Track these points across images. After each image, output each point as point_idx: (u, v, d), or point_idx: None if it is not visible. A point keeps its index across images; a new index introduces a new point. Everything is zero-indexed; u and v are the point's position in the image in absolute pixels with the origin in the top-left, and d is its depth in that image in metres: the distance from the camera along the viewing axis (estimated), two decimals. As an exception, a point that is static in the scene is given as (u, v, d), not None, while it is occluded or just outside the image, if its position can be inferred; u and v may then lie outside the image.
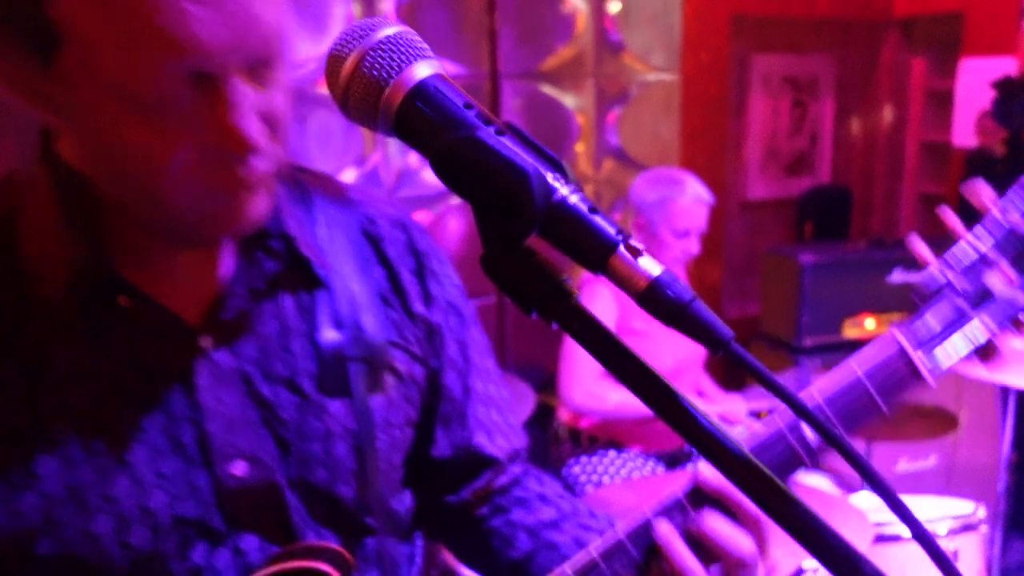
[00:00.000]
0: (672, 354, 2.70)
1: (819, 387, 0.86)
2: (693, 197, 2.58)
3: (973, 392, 3.20)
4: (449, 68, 3.14)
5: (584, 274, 2.77)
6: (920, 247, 0.89)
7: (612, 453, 2.70)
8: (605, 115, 3.40)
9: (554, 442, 2.85)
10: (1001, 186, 2.99)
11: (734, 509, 0.84)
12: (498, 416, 1.00)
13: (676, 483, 0.87)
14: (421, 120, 0.59)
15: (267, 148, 0.72)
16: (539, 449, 3.07)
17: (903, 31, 4.50)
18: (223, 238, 0.81)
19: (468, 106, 0.59)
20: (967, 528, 2.02)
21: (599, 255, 0.56)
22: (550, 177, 0.57)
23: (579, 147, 3.38)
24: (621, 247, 0.56)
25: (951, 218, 0.88)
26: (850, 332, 3.43)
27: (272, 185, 0.77)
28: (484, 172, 0.57)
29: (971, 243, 0.87)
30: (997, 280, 0.86)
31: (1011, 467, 3.47)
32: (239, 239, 0.81)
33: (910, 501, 2.27)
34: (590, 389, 2.57)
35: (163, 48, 0.65)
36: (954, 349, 0.87)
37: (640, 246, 0.56)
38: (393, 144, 2.92)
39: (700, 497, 0.85)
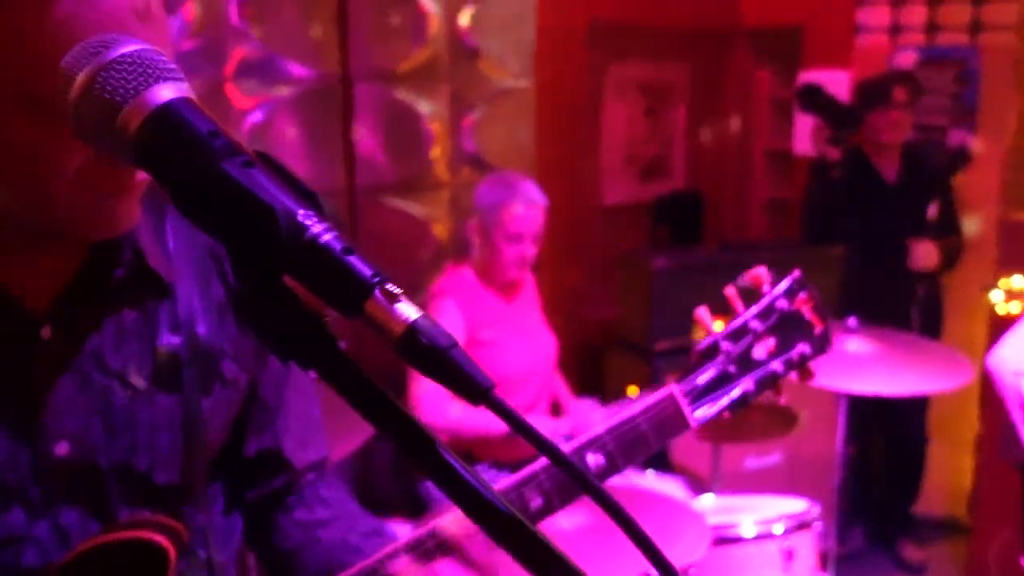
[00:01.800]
0: (521, 361, 2.70)
1: (606, 420, 1.01)
2: (525, 201, 2.59)
3: (812, 391, 3.35)
4: (299, 69, 3.04)
5: (430, 288, 2.74)
6: (704, 318, 1.07)
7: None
8: (460, 120, 3.37)
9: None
10: (838, 191, 3.14)
11: (466, 557, 0.91)
12: (303, 430, 1.09)
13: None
14: (161, 148, 0.54)
15: None
16: (392, 466, 3.01)
17: (750, 42, 4.68)
18: (93, 239, 0.85)
19: (214, 134, 0.54)
20: (801, 526, 2.10)
21: (354, 298, 0.52)
22: (301, 214, 0.52)
23: (435, 153, 3.33)
24: (377, 291, 0.52)
25: (734, 297, 1.06)
26: (700, 335, 3.52)
27: (142, 194, 0.82)
28: (228, 207, 0.53)
29: (747, 319, 1.04)
30: (762, 351, 1.03)
31: (847, 461, 3.67)
32: (98, 243, 0.86)
33: (750, 502, 2.34)
34: (437, 407, 2.53)
35: (63, 51, 0.60)
36: (716, 405, 1.04)
37: (397, 290, 0.52)
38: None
39: (439, 547, 0.93)
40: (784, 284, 1.06)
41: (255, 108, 2.85)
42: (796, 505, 2.19)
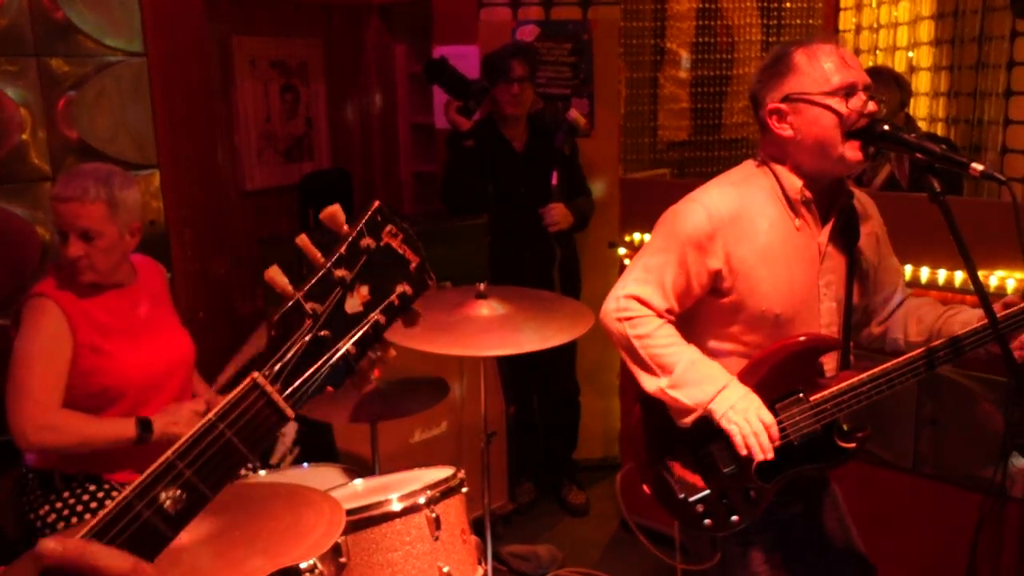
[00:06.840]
0: (154, 365, 2.44)
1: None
2: (56, 196, 2.28)
3: (464, 360, 3.42)
4: None
5: (35, 288, 2.38)
6: (279, 279, 0.86)
7: (93, 487, 2.36)
8: (56, 103, 2.97)
9: (21, 491, 2.42)
10: (471, 161, 3.16)
11: (90, 571, 0.79)
12: None
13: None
14: None
15: None
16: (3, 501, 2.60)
17: (383, 17, 4.65)
18: None
19: None
20: (448, 493, 2.10)
21: None
22: None
23: (26, 137, 2.91)
24: None
25: (310, 248, 0.88)
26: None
27: None
28: None
29: (328, 267, 0.86)
30: (357, 303, 0.87)
31: (510, 418, 3.82)
32: None
33: (402, 477, 2.31)
34: (49, 422, 2.21)
35: None
36: (315, 380, 0.86)
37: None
38: None
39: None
40: (364, 218, 0.89)
41: None
42: (441, 474, 2.18)
